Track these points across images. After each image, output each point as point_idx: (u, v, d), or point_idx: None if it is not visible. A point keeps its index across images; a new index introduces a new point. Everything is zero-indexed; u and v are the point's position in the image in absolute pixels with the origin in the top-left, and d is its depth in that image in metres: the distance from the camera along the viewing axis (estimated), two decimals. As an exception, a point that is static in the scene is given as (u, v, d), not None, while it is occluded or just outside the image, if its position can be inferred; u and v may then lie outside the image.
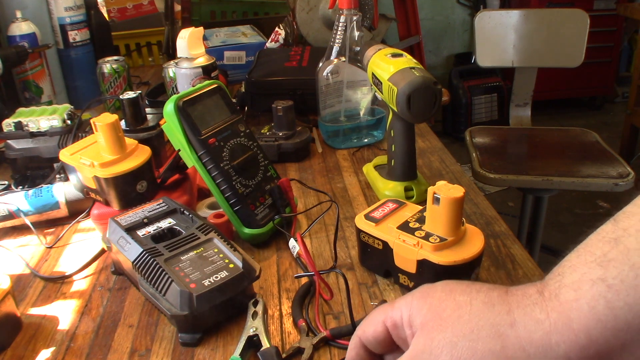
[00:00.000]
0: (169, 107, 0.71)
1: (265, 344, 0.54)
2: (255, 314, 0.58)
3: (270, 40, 1.49)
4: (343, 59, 0.98)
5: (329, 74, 1.00)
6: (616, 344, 0.31)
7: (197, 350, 0.56)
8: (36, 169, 0.93)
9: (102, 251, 0.72)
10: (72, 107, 0.97)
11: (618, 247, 0.32)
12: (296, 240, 0.69)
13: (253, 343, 0.55)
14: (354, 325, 0.55)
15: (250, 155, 0.75)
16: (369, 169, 0.90)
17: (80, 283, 0.69)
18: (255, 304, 0.60)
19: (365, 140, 1.04)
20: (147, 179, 0.75)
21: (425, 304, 0.37)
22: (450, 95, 3.13)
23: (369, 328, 0.41)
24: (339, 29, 0.97)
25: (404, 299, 0.39)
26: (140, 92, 0.92)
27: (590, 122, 3.40)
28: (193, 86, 0.93)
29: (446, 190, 0.56)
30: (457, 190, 0.56)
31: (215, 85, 0.77)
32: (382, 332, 0.40)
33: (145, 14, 1.78)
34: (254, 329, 0.56)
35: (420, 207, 0.65)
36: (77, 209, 0.82)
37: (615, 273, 0.31)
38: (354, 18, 0.96)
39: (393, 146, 0.82)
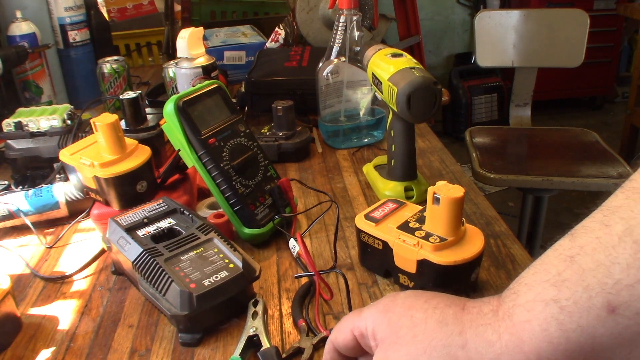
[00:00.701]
0: (169, 107, 0.71)
1: (265, 344, 0.54)
2: (255, 314, 0.58)
3: (270, 40, 1.49)
4: (343, 59, 0.98)
5: (329, 74, 1.00)
6: None
7: (197, 350, 0.56)
8: (36, 169, 0.93)
9: (102, 251, 0.72)
10: (72, 107, 0.97)
11: (573, 266, 0.31)
12: (296, 240, 0.69)
13: (253, 343, 0.55)
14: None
15: (250, 155, 0.75)
16: (369, 169, 0.90)
17: (80, 283, 0.69)
18: (255, 304, 0.60)
19: (365, 140, 1.04)
20: (147, 179, 0.75)
21: (385, 318, 0.38)
22: (450, 95, 3.13)
23: (340, 336, 0.42)
24: (339, 29, 0.97)
25: (368, 310, 0.40)
26: (140, 92, 0.92)
27: (590, 122, 3.40)
28: (193, 86, 0.93)
29: (446, 190, 0.56)
30: (457, 190, 0.56)
31: (215, 85, 0.77)
32: (351, 340, 0.41)
33: (145, 14, 1.78)
34: (254, 329, 0.56)
35: (420, 207, 0.65)
36: (77, 209, 0.82)
37: (568, 294, 0.31)
38: (354, 18, 0.95)
39: (393, 146, 0.82)
